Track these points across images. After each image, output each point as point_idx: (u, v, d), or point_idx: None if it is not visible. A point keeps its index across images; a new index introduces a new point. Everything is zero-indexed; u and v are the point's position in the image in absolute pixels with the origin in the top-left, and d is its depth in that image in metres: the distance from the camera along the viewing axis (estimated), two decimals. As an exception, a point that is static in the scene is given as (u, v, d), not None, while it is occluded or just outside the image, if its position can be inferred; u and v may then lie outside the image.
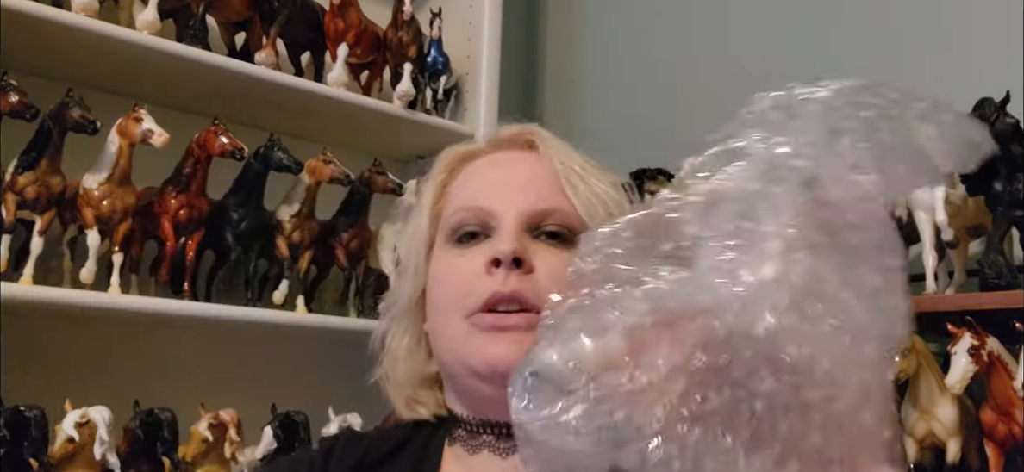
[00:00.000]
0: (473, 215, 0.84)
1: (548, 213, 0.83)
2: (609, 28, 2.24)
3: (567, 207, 0.83)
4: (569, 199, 0.84)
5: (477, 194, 0.85)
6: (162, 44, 1.54)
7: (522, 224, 0.82)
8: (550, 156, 0.86)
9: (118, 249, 1.47)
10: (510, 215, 0.82)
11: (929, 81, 1.53)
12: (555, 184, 0.84)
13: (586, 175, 0.86)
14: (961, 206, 1.27)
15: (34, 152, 1.39)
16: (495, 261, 0.79)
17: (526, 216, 0.82)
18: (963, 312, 1.16)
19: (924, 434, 1.23)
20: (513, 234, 0.80)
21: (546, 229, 0.83)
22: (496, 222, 0.82)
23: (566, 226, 0.83)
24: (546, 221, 0.83)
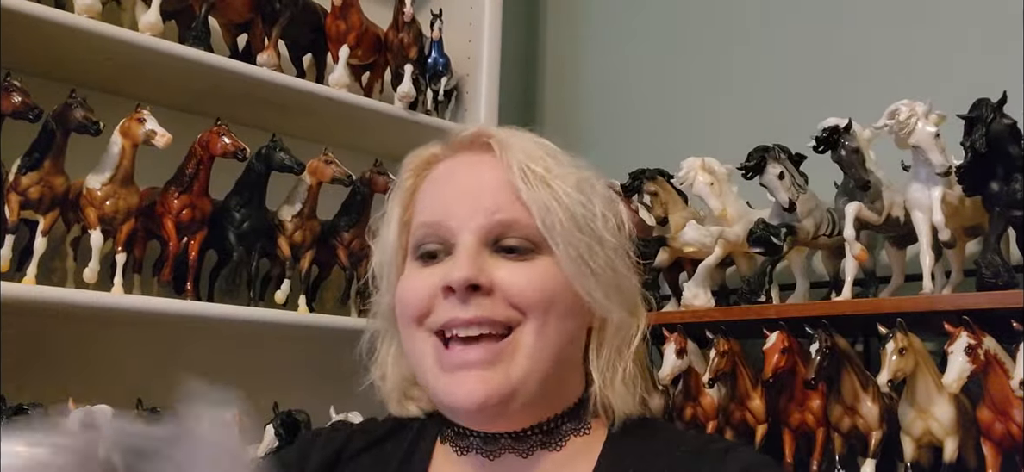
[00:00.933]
0: (432, 232, 0.82)
1: (506, 226, 0.80)
2: (608, 28, 2.24)
3: (525, 218, 0.81)
4: (526, 208, 0.81)
5: (436, 208, 0.83)
6: (164, 45, 1.54)
7: (480, 241, 0.80)
8: (507, 160, 0.82)
9: (121, 249, 1.48)
10: (466, 234, 0.80)
11: (927, 81, 1.54)
12: (512, 193, 0.81)
13: (549, 176, 0.82)
14: (958, 206, 1.27)
15: (37, 153, 1.40)
16: (450, 288, 0.78)
17: (483, 231, 0.80)
18: (960, 312, 1.17)
19: (921, 433, 1.24)
20: (469, 256, 0.79)
21: (505, 244, 0.81)
22: (454, 239, 0.81)
23: (525, 238, 0.81)
24: (505, 236, 0.81)
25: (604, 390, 0.86)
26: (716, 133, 1.90)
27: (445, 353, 0.80)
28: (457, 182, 0.85)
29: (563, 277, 0.81)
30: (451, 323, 0.79)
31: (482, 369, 0.78)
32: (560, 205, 0.81)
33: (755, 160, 1.39)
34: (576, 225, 0.82)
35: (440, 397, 0.81)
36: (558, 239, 0.80)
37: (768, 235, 1.37)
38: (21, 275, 1.42)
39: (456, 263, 0.79)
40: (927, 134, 1.22)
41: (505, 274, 0.80)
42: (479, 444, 0.85)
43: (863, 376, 1.31)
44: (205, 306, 1.59)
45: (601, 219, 0.84)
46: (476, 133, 0.87)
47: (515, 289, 0.79)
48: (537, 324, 0.80)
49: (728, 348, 1.41)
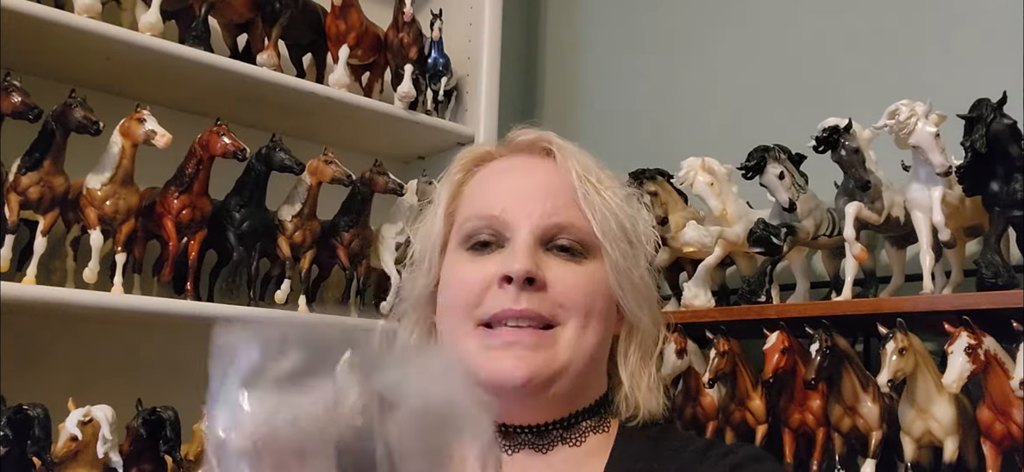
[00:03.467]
0: (486, 223, 0.85)
1: (562, 227, 0.84)
2: (608, 29, 2.24)
3: (581, 222, 0.84)
4: (584, 214, 0.84)
5: (491, 202, 0.86)
6: (164, 45, 1.54)
7: (536, 238, 0.83)
8: (568, 166, 0.86)
9: (121, 249, 1.48)
10: (524, 228, 0.83)
11: (927, 82, 1.54)
12: (571, 197, 0.85)
13: (602, 188, 0.86)
14: (958, 206, 1.28)
15: (37, 153, 1.40)
16: (507, 278, 0.81)
17: (540, 229, 0.83)
18: (960, 312, 1.17)
19: (921, 433, 1.24)
20: (527, 250, 0.82)
21: (559, 243, 0.84)
22: (510, 233, 0.83)
23: (579, 240, 0.84)
24: (560, 235, 0.84)
25: (633, 391, 0.89)
26: (716, 133, 1.90)
27: (492, 333, 0.82)
28: (515, 180, 0.88)
29: (606, 282, 0.85)
30: (503, 314, 0.81)
31: (528, 350, 0.81)
32: (613, 215, 0.85)
33: (755, 160, 1.39)
34: (625, 235, 0.86)
35: (484, 374, 0.82)
36: (610, 246, 0.84)
37: (768, 235, 1.37)
38: (21, 275, 1.42)
39: (515, 255, 0.82)
40: (927, 134, 1.22)
41: (557, 273, 0.83)
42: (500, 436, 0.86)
43: (863, 376, 1.31)
44: (205, 306, 1.59)
45: (644, 234, 0.89)
46: (537, 137, 0.90)
47: (565, 289, 0.83)
48: (578, 324, 0.83)
49: (728, 348, 1.41)
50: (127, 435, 1.40)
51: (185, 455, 1.42)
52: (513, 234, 0.83)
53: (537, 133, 0.91)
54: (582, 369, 0.84)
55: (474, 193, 0.89)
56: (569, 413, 0.86)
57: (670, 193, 1.59)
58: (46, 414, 1.29)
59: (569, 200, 0.85)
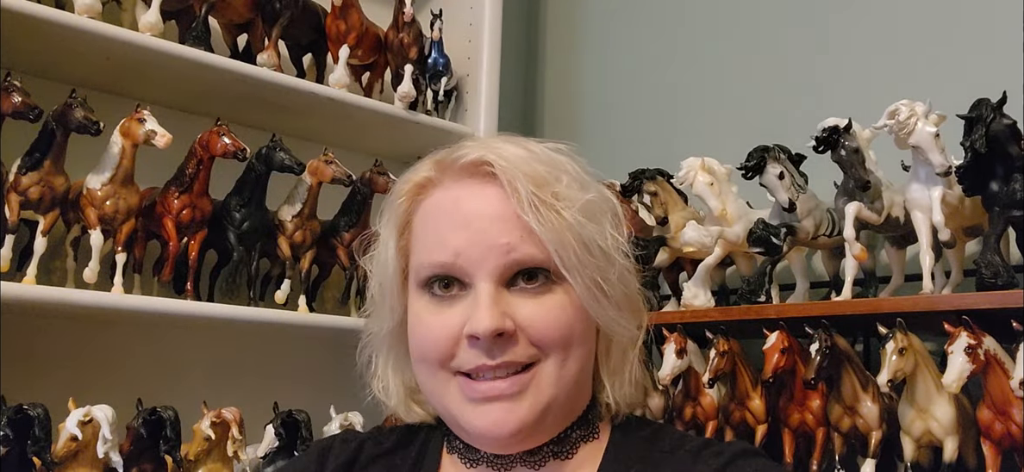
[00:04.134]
0: (443, 271, 0.80)
1: (522, 263, 0.79)
2: (608, 29, 2.24)
3: (541, 251, 0.78)
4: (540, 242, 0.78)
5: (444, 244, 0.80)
6: (165, 45, 1.54)
7: (497, 282, 0.78)
8: (516, 190, 0.79)
9: (121, 249, 1.48)
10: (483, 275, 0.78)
11: (927, 81, 1.54)
12: (524, 227, 0.78)
13: (558, 204, 0.79)
14: (958, 206, 1.28)
15: (37, 153, 1.40)
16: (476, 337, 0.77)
17: (499, 272, 0.78)
18: (960, 312, 1.17)
19: (921, 433, 1.24)
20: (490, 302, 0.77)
21: (522, 281, 0.79)
22: (469, 280, 0.79)
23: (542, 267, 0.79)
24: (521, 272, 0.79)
25: (614, 393, 0.87)
26: (716, 133, 1.91)
27: (471, 385, 0.79)
28: (465, 216, 0.81)
29: (579, 305, 0.81)
30: (479, 370, 0.78)
31: (509, 401, 0.78)
32: (572, 234, 0.79)
33: (755, 160, 1.39)
34: (588, 251, 0.80)
35: (467, 428, 0.81)
36: (573, 271, 0.79)
37: (768, 235, 1.37)
38: (21, 275, 1.42)
39: (479, 312, 0.77)
40: (927, 134, 1.22)
41: (527, 313, 0.79)
42: (490, 458, 0.85)
43: (863, 376, 1.31)
44: (205, 306, 1.59)
45: (611, 240, 0.83)
46: (476, 161, 0.82)
47: (538, 329, 0.79)
48: (560, 358, 0.80)
49: (728, 348, 1.41)
50: (127, 435, 1.40)
51: (185, 455, 1.42)
52: (473, 280, 0.79)
53: (478, 154, 0.82)
54: (569, 396, 0.82)
55: (424, 230, 0.84)
56: (559, 432, 0.84)
57: (670, 193, 1.59)
58: (46, 414, 1.30)
59: (524, 230, 0.78)
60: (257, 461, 1.51)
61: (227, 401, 1.49)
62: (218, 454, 1.45)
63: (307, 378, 1.83)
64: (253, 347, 1.82)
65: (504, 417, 0.78)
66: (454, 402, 0.81)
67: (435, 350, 0.80)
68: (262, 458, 1.49)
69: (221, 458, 1.45)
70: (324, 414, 1.60)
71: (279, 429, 1.48)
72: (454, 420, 0.82)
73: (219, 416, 1.44)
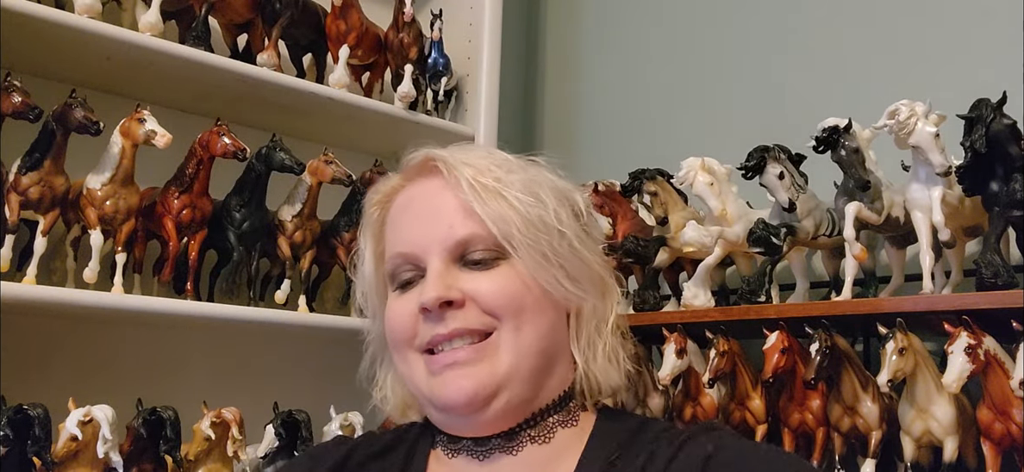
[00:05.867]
0: (403, 261, 0.88)
1: (467, 243, 0.86)
2: (608, 29, 2.24)
3: (482, 230, 0.85)
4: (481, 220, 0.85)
5: (402, 238, 0.89)
6: (165, 45, 1.54)
7: (445, 260, 0.85)
8: (455, 177, 0.87)
9: (121, 249, 1.48)
10: (433, 255, 0.86)
11: (927, 81, 1.54)
12: (465, 209, 0.86)
13: (499, 186, 0.86)
14: (958, 206, 1.28)
15: (37, 153, 1.40)
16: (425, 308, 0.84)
17: (446, 251, 0.86)
18: (960, 312, 1.17)
19: (921, 433, 1.24)
20: (437, 277, 0.84)
21: (470, 257, 0.86)
22: (423, 264, 0.86)
23: (487, 248, 0.86)
24: (468, 251, 0.86)
25: (588, 368, 0.91)
26: (716, 133, 1.90)
27: (432, 359, 0.85)
28: (416, 209, 0.90)
29: (529, 276, 0.86)
30: (434, 340, 0.85)
31: (467, 366, 0.83)
32: (514, 211, 0.86)
33: (755, 160, 1.39)
34: (532, 226, 0.86)
35: (432, 400, 0.86)
36: (517, 244, 0.86)
37: (768, 235, 1.37)
38: (21, 275, 1.42)
39: (426, 285, 0.85)
40: (927, 134, 1.22)
41: (474, 285, 0.85)
42: (470, 445, 0.88)
43: (863, 376, 1.31)
44: (205, 306, 1.59)
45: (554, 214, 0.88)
46: (424, 160, 0.92)
47: (485, 296, 0.85)
48: (513, 324, 0.85)
49: (728, 348, 1.41)
50: (127, 435, 1.40)
51: (185, 455, 1.42)
52: (426, 264, 0.86)
53: (424, 154, 0.92)
54: (532, 367, 0.85)
55: (391, 231, 0.92)
56: (533, 412, 0.88)
57: (670, 193, 1.59)
58: (46, 414, 1.29)
59: (466, 213, 0.86)
60: (257, 461, 1.51)
61: (227, 401, 1.49)
62: (218, 454, 1.45)
63: (307, 378, 1.83)
64: (253, 347, 1.82)
65: (462, 383, 0.83)
66: (421, 380, 0.86)
67: (400, 331, 0.87)
68: (262, 458, 1.49)
69: (221, 458, 1.45)
70: (324, 414, 1.60)
71: (279, 429, 1.48)
72: (425, 399, 0.87)
73: (219, 416, 1.44)
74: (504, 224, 0.85)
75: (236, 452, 1.45)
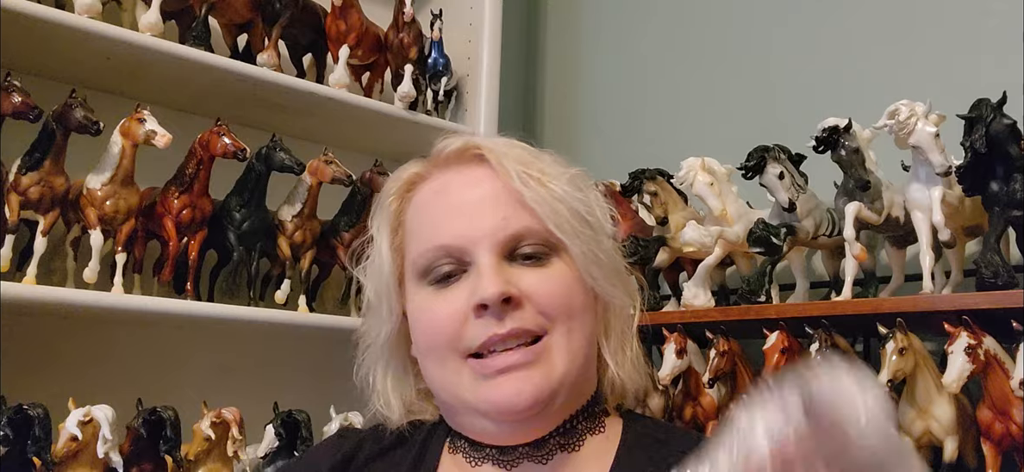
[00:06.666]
0: (443, 254, 0.81)
1: (520, 236, 0.80)
2: (608, 29, 2.24)
3: (536, 224, 0.80)
4: (536, 214, 0.80)
5: (440, 229, 0.82)
6: (165, 45, 1.54)
7: (498, 254, 0.79)
8: (505, 168, 0.81)
9: (121, 249, 1.48)
10: (483, 248, 0.79)
11: (927, 81, 1.54)
12: (517, 200, 0.80)
13: (545, 178, 0.82)
14: (958, 206, 1.28)
15: (37, 153, 1.40)
16: (483, 305, 0.77)
17: (499, 244, 0.79)
18: (960, 312, 1.17)
19: (921, 433, 1.24)
20: (493, 270, 0.78)
21: (522, 252, 0.80)
22: (470, 258, 0.80)
23: (541, 243, 0.81)
24: (520, 244, 0.80)
25: (618, 371, 0.87)
26: (716, 133, 1.90)
27: (483, 362, 0.78)
28: (457, 198, 0.83)
29: (578, 274, 0.82)
30: (490, 342, 0.78)
31: (524, 370, 0.78)
32: (564, 204, 0.81)
33: (755, 160, 1.39)
34: (580, 220, 0.82)
35: (480, 406, 0.79)
36: (569, 237, 0.81)
37: (768, 235, 1.37)
38: (21, 275, 1.42)
39: (484, 280, 0.77)
40: (927, 134, 1.22)
41: (530, 283, 0.79)
42: (495, 454, 0.83)
43: (863, 376, 1.31)
44: (205, 306, 1.59)
45: (599, 211, 0.86)
46: (464, 146, 0.85)
47: (544, 298, 0.79)
48: (565, 327, 0.80)
49: (728, 348, 1.41)
50: (127, 435, 1.40)
51: (185, 455, 1.42)
52: (474, 258, 0.79)
53: (463, 141, 0.86)
54: (579, 371, 0.82)
55: (418, 221, 0.85)
56: (565, 419, 0.83)
57: (670, 193, 1.59)
58: (46, 414, 1.29)
59: (517, 205, 0.80)
60: (257, 461, 1.51)
61: (227, 401, 1.49)
62: (218, 454, 1.45)
63: (307, 378, 1.83)
64: (253, 347, 1.82)
65: (521, 386, 0.77)
66: (467, 387, 0.80)
67: (443, 333, 0.80)
68: (262, 458, 1.49)
69: (221, 458, 1.45)
70: (324, 414, 1.60)
71: (279, 429, 1.48)
72: (467, 406, 0.81)
73: (219, 416, 1.44)
74: (557, 216, 0.80)
75: (236, 452, 1.45)
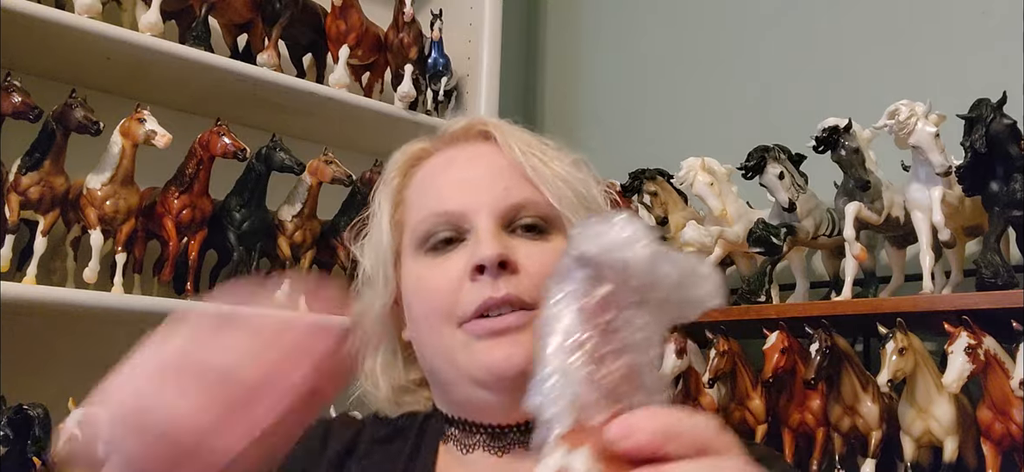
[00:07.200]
0: (444, 220, 0.81)
1: (520, 207, 0.81)
2: (608, 28, 2.24)
3: (537, 197, 0.81)
4: (537, 187, 0.81)
5: (443, 197, 0.82)
6: (165, 45, 1.54)
7: (497, 222, 0.80)
8: (509, 145, 0.83)
9: (121, 249, 1.48)
10: (483, 215, 0.80)
11: (927, 81, 1.54)
12: (520, 174, 0.82)
13: (548, 159, 0.83)
14: (958, 206, 1.28)
15: (38, 153, 1.40)
16: (479, 267, 0.77)
17: (499, 213, 0.80)
18: (960, 312, 1.17)
19: (921, 433, 1.24)
20: (492, 235, 0.78)
21: (522, 223, 0.81)
22: (469, 224, 0.80)
23: (540, 216, 0.81)
24: (520, 215, 0.81)
25: None
26: (716, 133, 1.90)
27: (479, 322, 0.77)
28: (461, 170, 0.84)
29: None
30: (485, 305, 0.77)
31: (518, 333, 0.77)
32: (566, 183, 0.82)
33: (755, 160, 1.39)
34: (581, 201, 0.83)
35: (470, 370, 0.78)
36: (570, 211, 0.82)
37: (768, 235, 1.37)
38: (21, 275, 1.42)
39: (482, 243, 0.78)
40: (927, 134, 1.22)
41: (527, 253, 0.79)
42: (486, 440, 0.83)
43: (863, 376, 1.31)
44: (205, 306, 1.59)
45: (599, 195, 0.86)
46: (470, 123, 0.87)
47: (539, 268, 0.79)
48: None
49: (728, 348, 1.41)
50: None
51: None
52: (473, 224, 0.79)
53: (469, 119, 0.88)
54: None
55: (420, 194, 0.85)
56: None
57: (670, 193, 1.59)
58: (46, 414, 1.29)
59: (520, 178, 0.81)
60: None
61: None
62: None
63: (307, 378, 1.82)
64: (253, 347, 1.82)
65: (511, 350, 0.76)
66: (461, 351, 0.79)
67: (439, 298, 0.80)
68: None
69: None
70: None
71: (279, 429, 1.48)
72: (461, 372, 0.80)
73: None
74: (557, 191, 0.81)
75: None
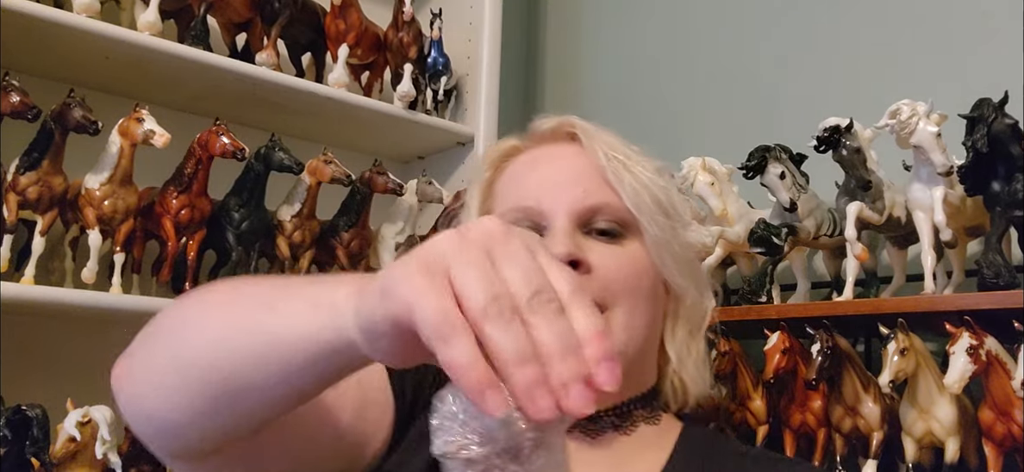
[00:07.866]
0: (524, 215, 0.84)
1: (597, 209, 0.83)
2: (609, 28, 2.24)
3: (615, 201, 0.83)
4: (616, 191, 0.83)
5: (524, 194, 0.85)
6: (163, 45, 1.54)
7: (573, 222, 0.82)
8: (594, 148, 0.85)
9: (119, 249, 1.48)
10: (560, 214, 0.82)
11: (927, 81, 1.54)
12: (601, 177, 0.84)
13: (631, 164, 0.85)
14: (959, 206, 1.27)
15: (36, 152, 1.40)
16: None
17: (576, 214, 0.82)
18: (961, 312, 1.17)
19: (923, 433, 1.23)
20: (565, 234, 0.80)
21: (597, 226, 0.83)
22: (547, 222, 0.82)
23: (617, 221, 0.83)
24: (596, 218, 0.83)
25: (680, 370, 0.87)
26: (716, 133, 1.90)
27: None
28: (545, 169, 0.86)
29: (649, 261, 0.83)
30: None
31: None
32: (645, 189, 0.84)
33: (756, 160, 1.39)
34: (660, 208, 0.84)
35: None
36: (647, 220, 0.83)
37: (769, 235, 1.37)
38: (19, 275, 1.42)
39: (554, 240, 0.80)
40: (928, 134, 1.21)
41: (599, 255, 0.81)
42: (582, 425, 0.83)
43: (864, 377, 1.31)
44: (204, 306, 1.59)
45: (679, 204, 0.88)
46: (559, 123, 0.89)
47: (610, 271, 0.80)
48: (628, 306, 0.81)
49: (729, 348, 1.41)
50: (126, 435, 1.40)
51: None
52: (550, 222, 0.82)
53: (559, 119, 0.90)
54: (636, 353, 0.82)
55: (506, 188, 0.88)
56: (622, 401, 0.83)
57: (670, 193, 1.58)
58: (45, 414, 1.29)
59: (600, 181, 0.84)
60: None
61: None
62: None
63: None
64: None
65: None
66: None
67: None
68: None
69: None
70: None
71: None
72: None
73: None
74: (637, 197, 0.83)
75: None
